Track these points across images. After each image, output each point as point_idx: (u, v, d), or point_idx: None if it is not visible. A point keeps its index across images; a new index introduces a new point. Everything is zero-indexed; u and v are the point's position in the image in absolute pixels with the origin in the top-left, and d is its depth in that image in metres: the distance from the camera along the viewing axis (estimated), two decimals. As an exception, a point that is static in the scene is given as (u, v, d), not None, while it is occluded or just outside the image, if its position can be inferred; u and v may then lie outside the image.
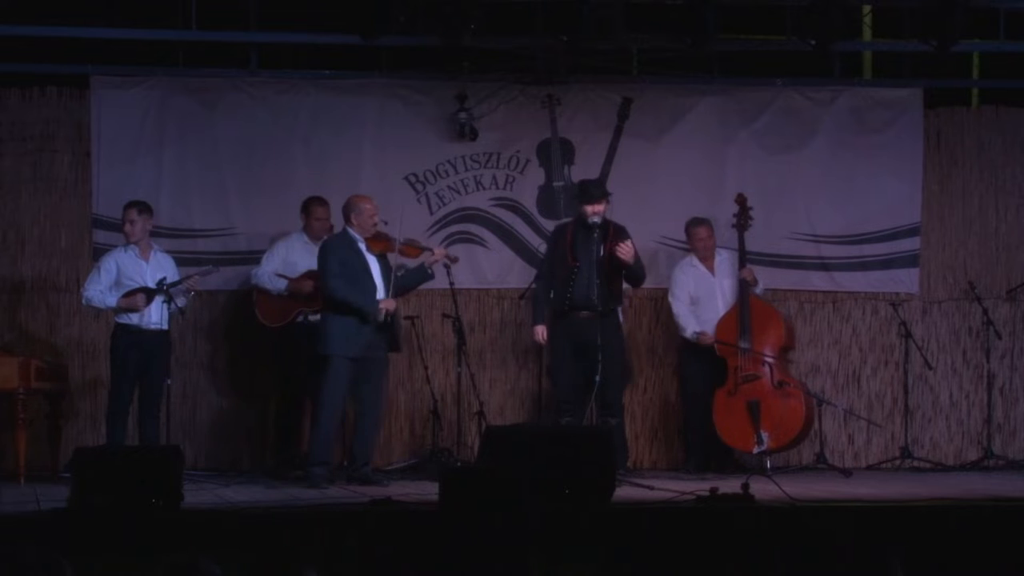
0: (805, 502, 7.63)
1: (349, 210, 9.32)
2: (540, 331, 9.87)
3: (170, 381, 9.59)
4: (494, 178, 10.94)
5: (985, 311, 10.86)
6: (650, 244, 10.71)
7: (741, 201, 10.31)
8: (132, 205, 9.67)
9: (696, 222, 10.40)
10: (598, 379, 9.30)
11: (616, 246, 9.62)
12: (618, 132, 10.99)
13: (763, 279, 10.60)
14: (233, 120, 10.69)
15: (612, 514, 7.24)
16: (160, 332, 9.50)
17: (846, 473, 10.13)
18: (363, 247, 9.28)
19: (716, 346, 10.12)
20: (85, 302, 9.66)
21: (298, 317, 9.97)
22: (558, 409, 9.87)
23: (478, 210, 10.90)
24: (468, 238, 10.87)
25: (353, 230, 9.29)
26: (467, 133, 10.72)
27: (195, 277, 9.60)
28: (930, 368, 10.97)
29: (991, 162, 11.30)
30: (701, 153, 11.02)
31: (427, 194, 10.84)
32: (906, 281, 11.12)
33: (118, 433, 9.47)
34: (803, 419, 10.01)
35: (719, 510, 7.18)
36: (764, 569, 5.71)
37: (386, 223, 9.33)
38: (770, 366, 9.99)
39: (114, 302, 9.49)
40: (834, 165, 11.06)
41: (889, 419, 11.05)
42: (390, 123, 10.83)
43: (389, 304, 9.20)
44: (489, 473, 7.08)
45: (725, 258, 10.37)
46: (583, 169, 10.75)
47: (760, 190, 10.85)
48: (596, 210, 9.76)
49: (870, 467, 10.84)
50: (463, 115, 10.67)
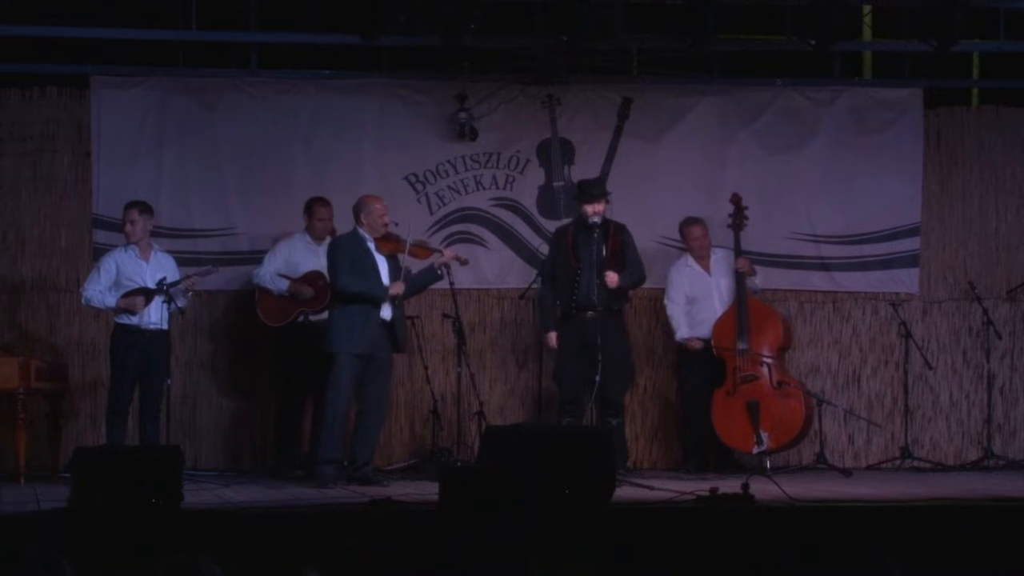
0: (805, 502, 7.63)
1: (359, 210, 9.32)
2: (552, 338, 9.89)
3: (170, 381, 9.59)
4: (494, 178, 10.94)
5: (985, 311, 10.86)
6: (650, 244, 10.70)
7: (736, 201, 10.31)
8: (133, 205, 9.66)
9: (690, 221, 10.40)
10: (597, 379, 9.31)
11: (604, 275, 9.62)
12: (618, 132, 10.99)
13: (763, 279, 10.60)
14: (233, 120, 10.69)
15: (612, 514, 7.25)
16: (160, 332, 9.50)
17: (846, 473, 10.13)
18: (372, 247, 9.28)
19: (714, 348, 10.11)
20: (84, 302, 9.66)
21: (299, 317, 9.97)
22: (561, 409, 9.88)
23: (478, 210, 10.90)
24: (468, 238, 10.87)
25: (363, 230, 9.29)
26: (467, 133, 10.72)
27: (194, 277, 9.60)
28: (930, 368, 10.97)
29: (991, 162, 11.30)
30: (701, 153, 11.02)
31: (427, 194, 10.84)
32: (906, 281, 11.13)
33: (118, 433, 9.47)
34: (803, 419, 10.01)
35: (719, 510, 7.18)
36: (764, 569, 5.71)
37: (396, 224, 9.33)
38: (769, 366, 9.99)
39: (114, 302, 9.49)
40: (834, 165, 11.06)
41: (889, 419, 11.05)
42: (390, 123, 10.83)
43: (397, 289, 9.21)
44: (489, 473, 7.08)
45: (721, 257, 10.37)
46: (583, 169, 10.75)
47: (760, 190, 10.86)
48: (596, 209, 9.78)
49: (870, 467, 10.84)
50: (463, 115, 10.67)
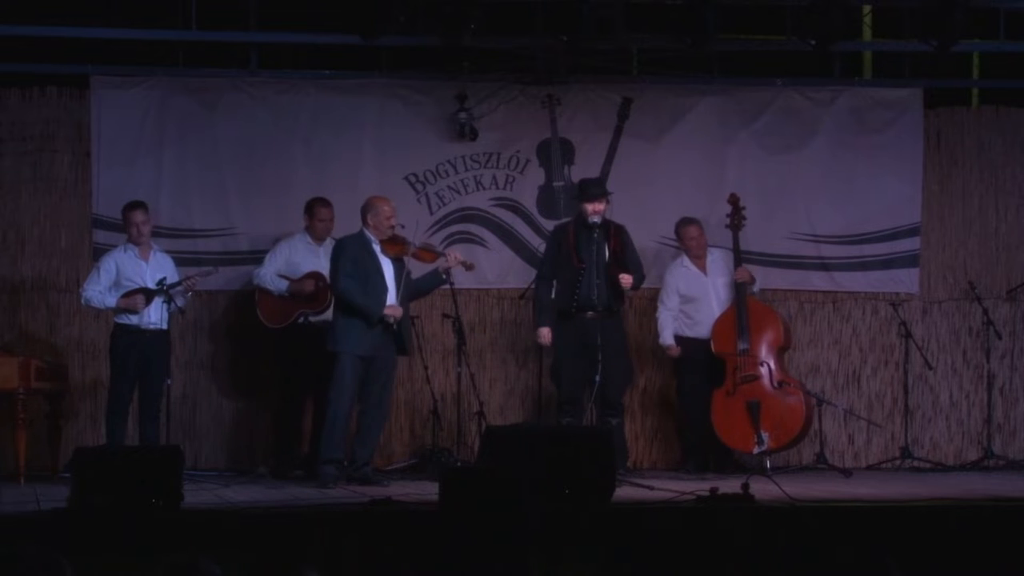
0: (805, 502, 7.63)
1: (366, 211, 9.30)
2: (545, 333, 9.87)
3: (170, 381, 9.60)
4: (494, 178, 10.94)
5: (985, 311, 10.86)
6: (650, 244, 10.71)
7: (734, 201, 10.31)
8: (138, 206, 9.65)
9: (686, 222, 10.39)
10: (597, 379, 9.31)
11: (619, 279, 9.63)
12: (618, 132, 10.99)
13: (763, 279, 10.61)
14: (233, 120, 10.69)
15: (612, 514, 7.24)
16: (160, 332, 9.49)
17: (846, 473, 10.13)
18: (377, 249, 9.26)
19: (714, 344, 10.11)
20: (84, 302, 9.65)
21: (299, 318, 9.96)
22: (560, 409, 9.87)
23: (478, 210, 10.90)
24: (468, 238, 10.87)
25: (369, 231, 9.28)
26: (467, 133, 10.72)
27: (195, 277, 9.60)
28: (930, 368, 10.96)
29: (991, 162, 11.30)
30: (701, 153, 11.02)
31: (427, 194, 10.84)
32: (906, 281, 11.12)
33: (118, 433, 9.47)
34: (803, 419, 10.01)
35: (719, 510, 7.18)
36: (764, 569, 5.71)
37: (403, 227, 9.33)
38: (769, 366, 9.99)
39: (114, 302, 9.48)
40: (834, 165, 11.06)
41: (889, 419, 11.05)
42: (390, 123, 10.83)
43: (395, 311, 9.18)
44: (489, 473, 7.07)
45: (717, 257, 10.36)
46: (583, 169, 10.75)
47: (760, 190, 10.87)
48: (596, 209, 9.77)
49: (870, 467, 10.84)
50: (463, 115, 10.67)
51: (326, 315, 9.71)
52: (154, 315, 9.48)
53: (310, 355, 9.65)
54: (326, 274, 9.77)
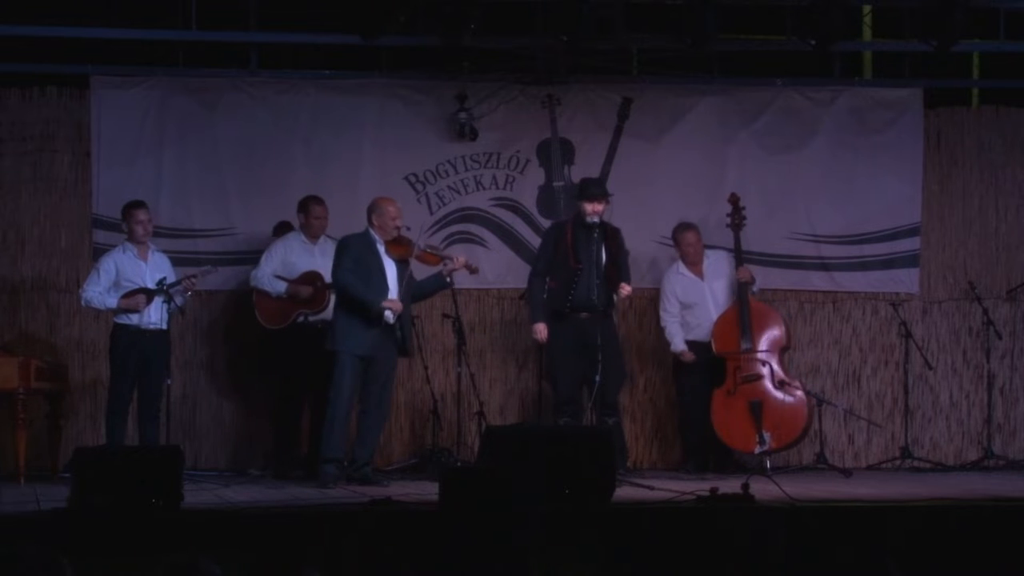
0: (805, 502, 7.62)
1: (372, 211, 9.29)
2: (541, 329, 9.83)
3: (170, 381, 9.59)
4: (494, 178, 10.94)
5: (985, 311, 10.86)
6: (650, 244, 10.71)
7: (734, 201, 10.31)
8: (139, 206, 9.64)
9: (684, 227, 10.37)
10: (598, 379, 9.31)
11: (620, 287, 9.60)
12: (618, 132, 10.99)
13: (763, 279, 10.61)
14: (233, 120, 10.69)
15: (612, 514, 7.24)
16: (160, 332, 9.49)
17: (846, 473, 10.13)
18: (382, 249, 9.25)
19: (715, 344, 10.10)
20: (84, 303, 9.64)
21: (298, 318, 9.95)
22: (556, 410, 9.86)
23: (478, 210, 10.90)
24: (468, 238, 10.87)
25: (374, 231, 9.27)
26: (467, 133, 10.72)
27: (194, 277, 9.59)
28: (930, 368, 10.97)
29: (991, 162, 11.30)
30: (701, 153, 11.02)
31: (427, 194, 10.84)
32: (906, 281, 11.13)
33: (117, 433, 9.47)
34: (805, 419, 10.02)
35: (719, 510, 7.17)
36: (764, 569, 5.71)
37: (408, 228, 9.32)
38: (771, 366, 9.99)
39: (114, 303, 9.48)
40: (834, 165, 11.07)
41: (889, 419, 11.05)
42: (390, 123, 10.83)
43: (395, 304, 9.18)
44: (489, 473, 7.07)
45: (715, 259, 10.35)
46: (583, 169, 10.75)
47: (760, 190, 10.87)
48: (596, 209, 9.75)
49: (870, 467, 10.84)
50: (463, 115, 10.67)
51: (325, 315, 9.70)
52: (154, 315, 9.47)
53: (309, 355, 9.64)
54: (323, 273, 9.77)
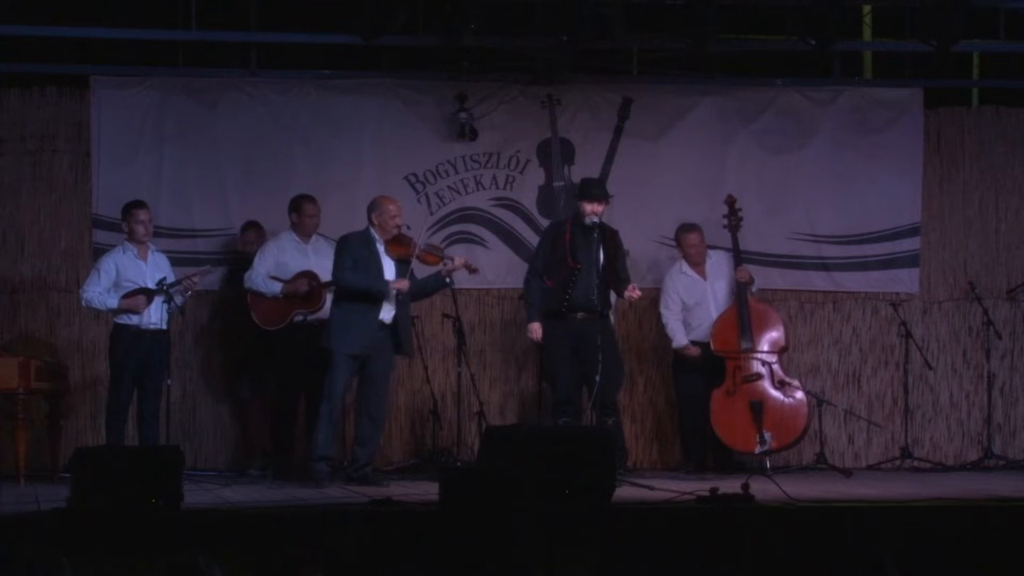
0: (805, 502, 7.63)
1: (372, 210, 9.28)
2: (536, 328, 9.81)
3: (170, 381, 9.59)
4: (494, 178, 10.94)
5: (985, 311, 10.87)
6: (650, 244, 10.71)
7: (730, 202, 10.31)
8: (140, 205, 9.64)
9: (686, 229, 10.36)
10: (598, 379, 9.30)
11: (630, 292, 9.57)
12: (618, 132, 10.99)
13: (763, 279, 10.61)
14: (233, 120, 10.69)
15: (612, 514, 7.24)
16: (159, 332, 9.48)
17: (846, 473, 10.13)
18: (381, 248, 9.25)
19: (714, 344, 10.10)
20: (85, 303, 9.64)
21: (295, 318, 9.92)
22: (555, 410, 9.84)
23: (478, 210, 10.90)
24: (468, 238, 10.87)
25: (374, 230, 9.26)
26: (467, 133, 10.72)
27: (194, 277, 9.59)
28: (930, 368, 10.97)
29: (991, 162, 11.30)
30: (701, 153, 11.02)
31: (427, 194, 10.84)
32: (906, 281, 11.13)
33: (117, 433, 9.46)
34: (805, 419, 10.02)
35: (719, 510, 7.17)
36: (764, 569, 5.71)
37: (408, 227, 9.31)
38: (771, 366, 9.99)
39: (115, 303, 9.47)
40: (834, 165, 11.07)
41: (889, 419, 11.05)
42: (390, 123, 10.84)
43: (401, 284, 9.16)
44: (489, 473, 7.07)
45: (716, 259, 10.35)
46: (583, 169, 10.75)
47: (760, 190, 10.88)
48: (595, 210, 9.73)
49: (870, 467, 10.84)
50: (463, 115, 10.68)
51: (322, 315, 9.69)
52: (154, 315, 9.47)
53: (306, 355, 9.62)
54: (316, 272, 9.76)
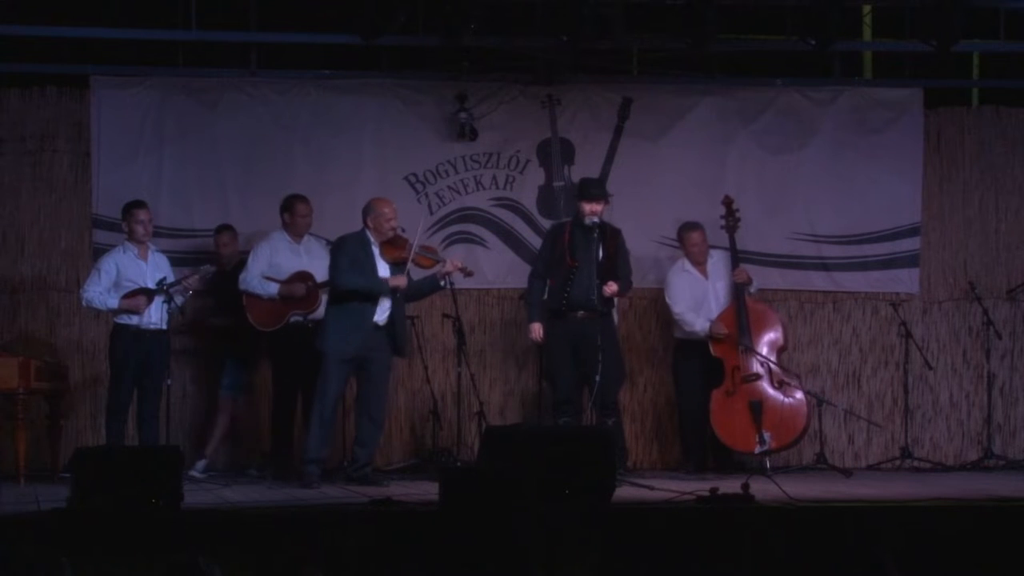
0: (805, 502, 7.63)
1: (367, 212, 9.27)
2: (537, 329, 9.84)
3: (170, 381, 9.59)
4: (494, 178, 10.94)
5: (985, 311, 10.87)
6: (650, 244, 10.71)
7: (728, 203, 10.32)
8: (141, 205, 9.64)
9: (689, 227, 10.36)
10: (598, 379, 9.30)
11: (604, 287, 9.58)
12: (618, 132, 10.99)
13: (762, 279, 10.61)
14: (233, 120, 10.69)
15: (612, 514, 7.24)
16: (159, 332, 9.48)
17: (846, 473, 10.13)
18: (376, 251, 9.24)
19: (713, 345, 10.08)
20: (85, 303, 9.63)
21: (292, 318, 9.90)
22: (555, 409, 9.86)
23: (478, 210, 10.91)
24: (468, 238, 10.87)
25: (369, 232, 9.26)
26: (467, 133, 10.72)
27: (194, 277, 9.59)
28: (930, 368, 10.97)
29: (991, 162, 11.31)
30: (701, 153, 11.02)
31: (427, 194, 10.84)
32: (906, 281, 11.13)
33: (117, 433, 9.46)
34: (805, 418, 10.01)
35: (719, 510, 7.17)
36: (764, 569, 5.71)
37: (403, 230, 9.30)
38: (770, 366, 9.98)
39: (115, 303, 9.47)
40: (834, 165, 11.07)
41: (889, 419, 11.05)
42: (390, 123, 10.84)
43: (399, 281, 9.16)
44: (489, 473, 7.07)
45: (717, 259, 10.35)
46: (583, 169, 10.75)
47: (760, 190, 10.88)
48: (594, 209, 9.75)
49: (870, 467, 10.84)
50: (463, 115, 10.68)
51: (318, 315, 9.67)
52: (154, 315, 9.47)
53: (304, 355, 9.59)
54: (311, 272, 9.75)
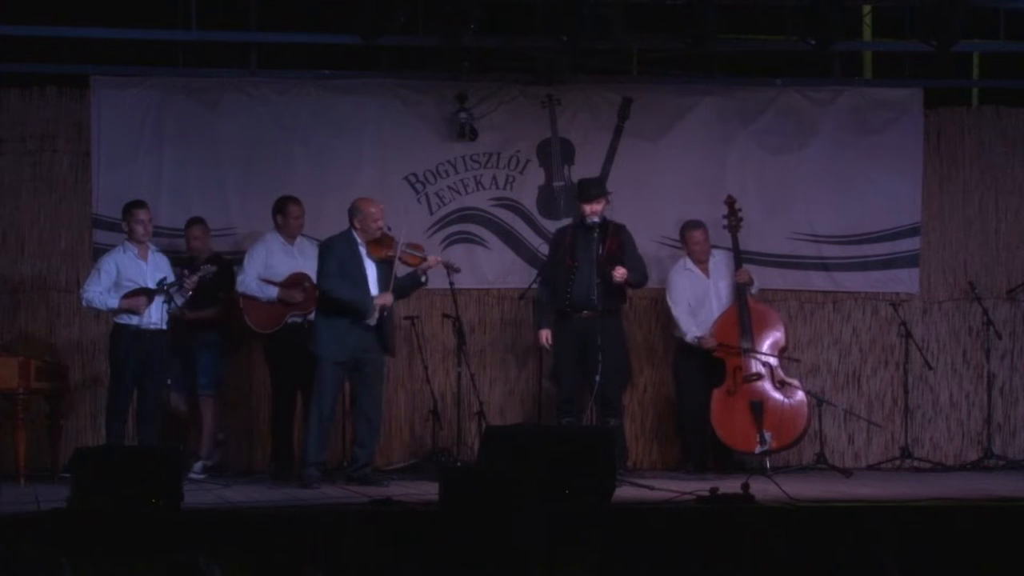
0: (805, 502, 7.63)
1: (353, 213, 9.26)
2: (544, 335, 9.92)
3: (170, 381, 9.58)
4: (494, 178, 10.94)
5: (985, 311, 10.87)
6: (650, 244, 10.70)
7: (730, 203, 10.32)
8: (141, 205, 9.63)
9: (691, 226, 10.37)
10: (598, 378, 9.31)
11: (612, 272, 9.59)
12: (618, 132, 10.99)
13: (763, 279, 10.61)
14: (233, 120, 10.69)
15: (612, 514, 7.24)
16: (159, 332, 9.47)
17: (846, 473, 10.13)
18: (363, 251, 9.23)
19: (717, 349, 10.09)
20: (85, 304, 9.63)
21: (290, 319, 9.88)
22: (559, 409, 9.88)
23: (478, 210, 10.90)
24: (468, 238, 10.87)
25: (356, 233, 9.25)
26: (467, 133, 10.72)
27: (194, 277, 9.58)
28: (930, 368, 10.96)
29: (991, 162, 11.30)
30: (701, 153, 11.02)
31: (427, 194, 10.84)
32: (906, 281, 11.13)
33: (117, 434, 9.46)
34: (805, 419, 10.01)
35: (719, 510, 7.18)
36: (764, 569, 5.70)
37: (389, 228, 9.29)
38: (771, 366, 9.99)
39: (115, 303, 9.46)
40: (834, 165, 11.07)
41: (889, 419, 11.05)
42: (390, 123, 10.84)
43: (385, 299, 9.16)
44: (489, 473, 7.07)
45: (719, 259, 10.35)
46: (583, 169, 10.75)
47: (760, 190, 10.88)
48: (594, 209, 9.78)
49: (870, 467, 10.84)
50: (463, 115, 10.67)
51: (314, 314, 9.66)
52: (154, 315, 9.46)
53: (302, 356, 9.58)
54: (307, 272, 9.75)
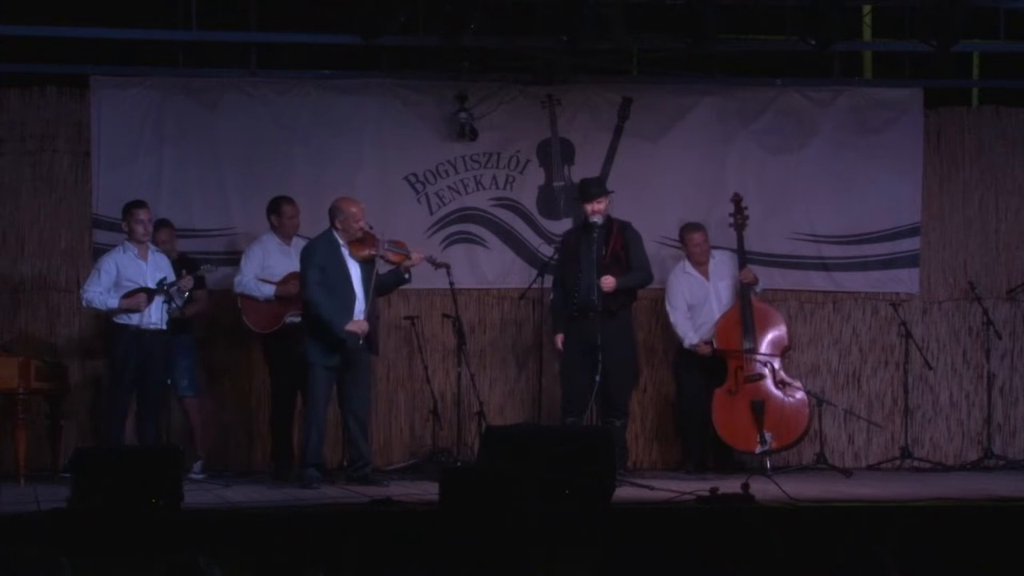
0: (805, 502, 7.63)
1: (334, 214, 9.20)
2: (558, 340, 9.94)
3: (170, 381, 9.58)
4: (494, 178, 10.94)
5: (985, 311, 10.87)
6: (650, 244, 10.67)
7: (737, 200, 10.31)
8: (141, 205, 9.63)
9: (691, 228, 10.37)
10: (598, 379, 9.30)
11: (601, 281, 9.61)
12: (618, 132, 10.99)
13: (763, 279, 10.59)
14: (233, 120, 10.69)
15: (612, 514, 7.24)
16: (159, 332, 9.47)
17: (846, 473, 10.13)
18: (346, 252, 9.18)
19: (718, 349, 10.09)
20: (85, 303, 9.63)
21: (288, 319, 9.87)
22: (563, 410, 9.89)
23: (478, 210, 10.90)
24: (468, 238, 10.87)
25: (337, 234, 9.21)
26: (467, 133, 10.72)
27: (190, 278, 9.58)
28: (930, 368, 10.96)
29: (991, 162, 11.30)
30: (701, 153, 11.02)
31: (427, 194, 10.84)
32: (906, 281, 11.13)
33: (117, 434, 9.46)
34: (806, 419, 10.02)
35: (719, 510, 7.18)
36: (764, 569, 5.70)
37: (371, 227, 9.26)
38: (772, 366, 9.99)
39: (115, 303, 9.47)
40: (834, 165, 11.07)
41: (889, 419, 11.05)
42: (390, 123, 10.83)
43: (361, 327, 9.09)
44: (489, 473, 7.07)
45: (720, 259, 10.35)
46: (583, 169, 10.75)
47: (760, 190, 10.87)
48: (596, 209, 9.79)
49: (870, 467, 10.84)
50: (463, 115, 10.67)
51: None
52: (154, 315, 9.46)
53: (298, 355, 9.55)
54: None
